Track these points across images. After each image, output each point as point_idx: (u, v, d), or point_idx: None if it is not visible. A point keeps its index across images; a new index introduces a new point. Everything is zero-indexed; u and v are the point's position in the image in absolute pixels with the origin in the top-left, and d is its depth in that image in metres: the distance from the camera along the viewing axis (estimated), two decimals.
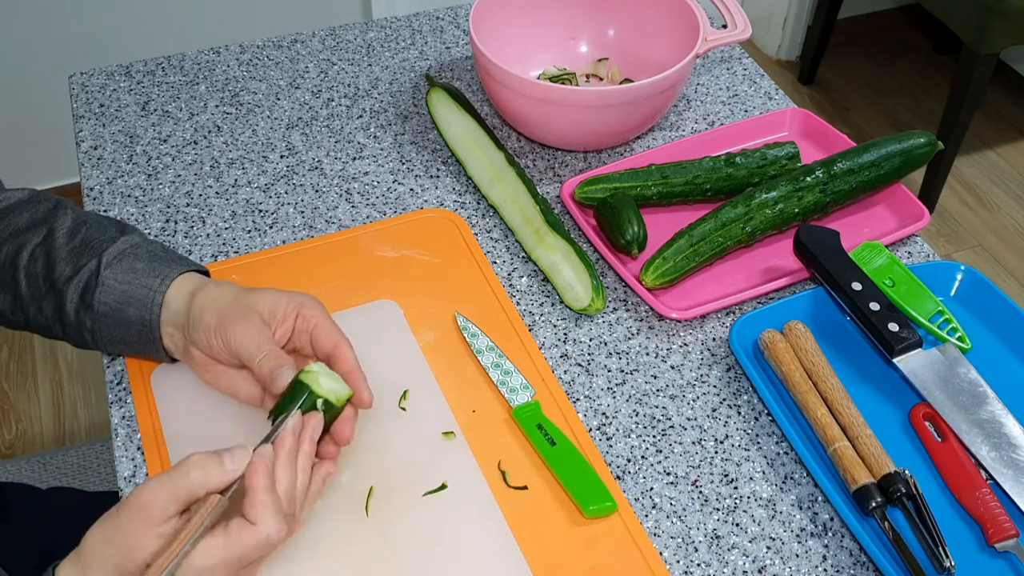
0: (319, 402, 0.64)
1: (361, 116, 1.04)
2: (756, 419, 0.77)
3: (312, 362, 0.66)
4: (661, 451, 0.75)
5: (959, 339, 0.79)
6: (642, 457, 0.74)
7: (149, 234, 0.89)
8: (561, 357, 0.81)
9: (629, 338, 0.83)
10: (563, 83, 1.04)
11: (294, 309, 0.69)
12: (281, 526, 0.57)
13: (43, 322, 0.73)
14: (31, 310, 0.72)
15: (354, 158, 0.99)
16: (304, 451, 0.62)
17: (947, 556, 0.66)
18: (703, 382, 0.79)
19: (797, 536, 0.70)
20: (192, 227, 0.91)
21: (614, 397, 0.78)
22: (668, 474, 0.73)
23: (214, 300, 0.68)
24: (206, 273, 0.75)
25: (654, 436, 0.76)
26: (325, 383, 0.64)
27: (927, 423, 0.75)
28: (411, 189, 0.95)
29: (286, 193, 0.94)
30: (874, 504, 0.68)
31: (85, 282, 0.70)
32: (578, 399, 0.78)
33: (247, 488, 0.57)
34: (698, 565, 0.68)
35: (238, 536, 0.56)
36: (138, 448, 0.73)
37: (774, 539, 0.70)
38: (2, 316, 0.75)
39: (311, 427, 0.62)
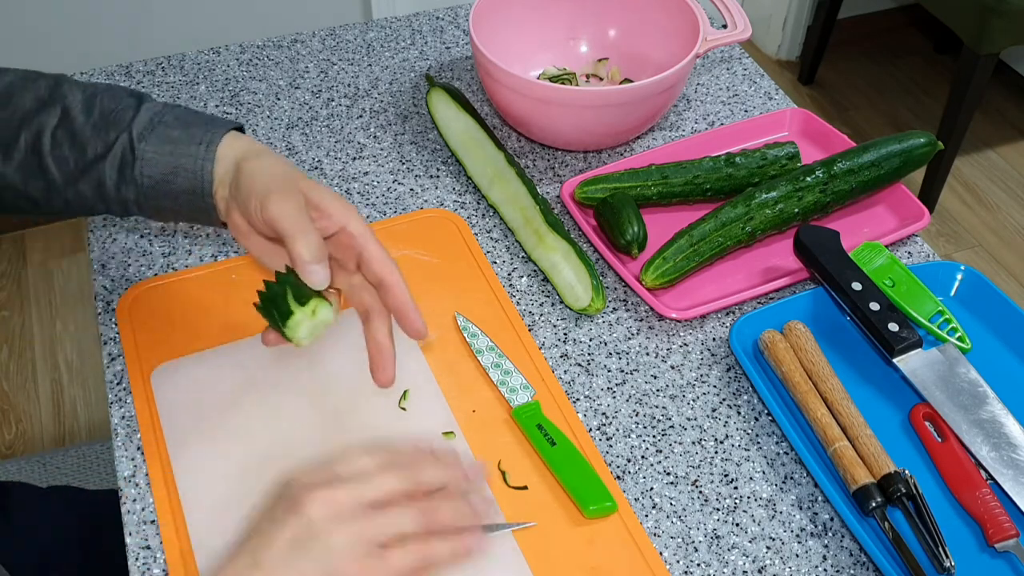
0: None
1: (361, 116, 1.04)
2: (756, 419, 0.77)
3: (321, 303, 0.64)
4: (661, 451, 0.75)
5: (959, 339, 0.79)
6: (642, 457, 0.74)
7: (148, 232, 0.89)
8: (561, 357, 0.81)
9: (629, 338, 0.83)
10: (563, 83, 1.04)
11: (341, 219, 0.66)
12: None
13: (83, 202, 0.70)
14: (69, 193, 0.70)
15: (354, 158, 0.99)
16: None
17: (947, 556, 0.66)
18: (703, 382, 0.79)
19: (797, 536, 0.70)
20: (192, 226, 0.90)
21: (614, 397, 0.78)
22: (668, 474, 0.73)
23: (265, 170, 0.66)
24: (241, 128, 0.72)
25: (654, 436, 0.76)
26: (303, 333, 0.64)
27: (927, 423, 0.75)
28: (411, 189, 0.95)
29: None
30: (874, 504, 0.68)
31: (120, 158, 0.68)
32: (578, 399, 0.78)
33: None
34: (698, 565, 0.68)
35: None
36: (138, 448, 0.73)
37: (774, 539, 0.70)
38: (36, 203, 0.72)
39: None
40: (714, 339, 0.83)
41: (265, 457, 0.71)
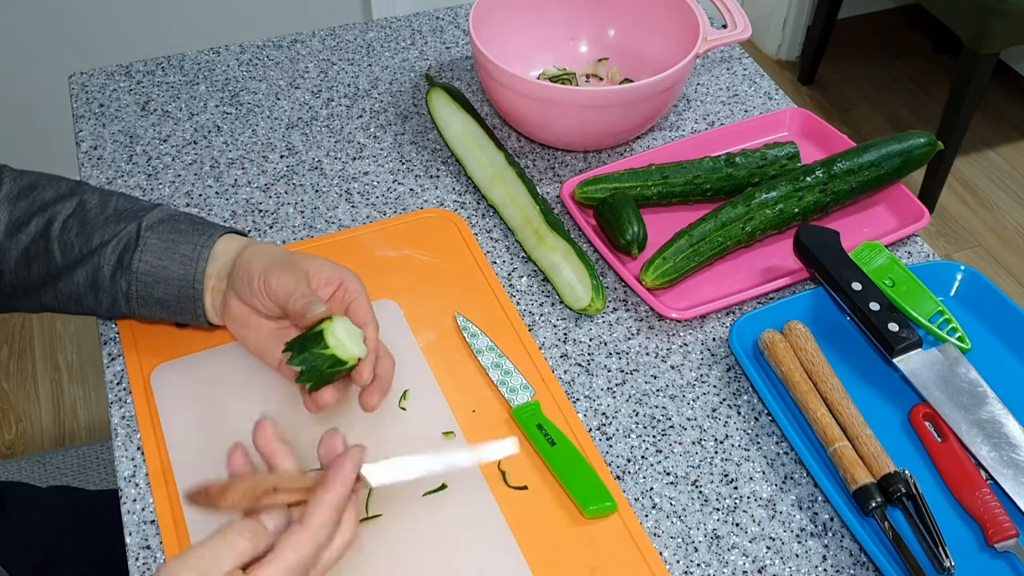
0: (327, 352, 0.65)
1: (361, 116, 1.04)
2: (756, 419, 0.77)
3: (338, 316, 0.67)
4: (661, 451, 0.75)
5: (959, 339, 0.79)
6: (642, 457, 0.74)
7: None
8: (561, 357, 0.81)
9: (629, 338, 0.83)
10: (563, 83, 1.04)
11: (338, 278, 0.71)
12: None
13: (71, 294, 0.73)
14: (61, 282, 0.72)
15: (354, 158, 0.99)
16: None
17: (947, 556, 0.66)
18: (703, 382, 0.79)
19: (797, 536, 0.70)
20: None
21: (614, 397, 0.78)
22: (668, 474, 0.73)
23: (264, 252, 0.70)
24: (245, 236, 0.76)
25: (654, 436, 0.76)
26: (341, 334, 0.65)
27: (927, 423, 0.75)
28: (411, 189, 0.95)
29: (286, 193, 0.94)
30: (874, 504, 0.68)
31: (124, 244, 0.71)
32: (578, 399, 0.78)
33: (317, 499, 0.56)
34: (698, 565, 0.68)
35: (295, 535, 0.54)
36: (138, 448, 0.73)
37: (774, 539, 0.70)
38: (21, 291, 0.74)
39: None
40: (714, 339, 0.83)
41: None
